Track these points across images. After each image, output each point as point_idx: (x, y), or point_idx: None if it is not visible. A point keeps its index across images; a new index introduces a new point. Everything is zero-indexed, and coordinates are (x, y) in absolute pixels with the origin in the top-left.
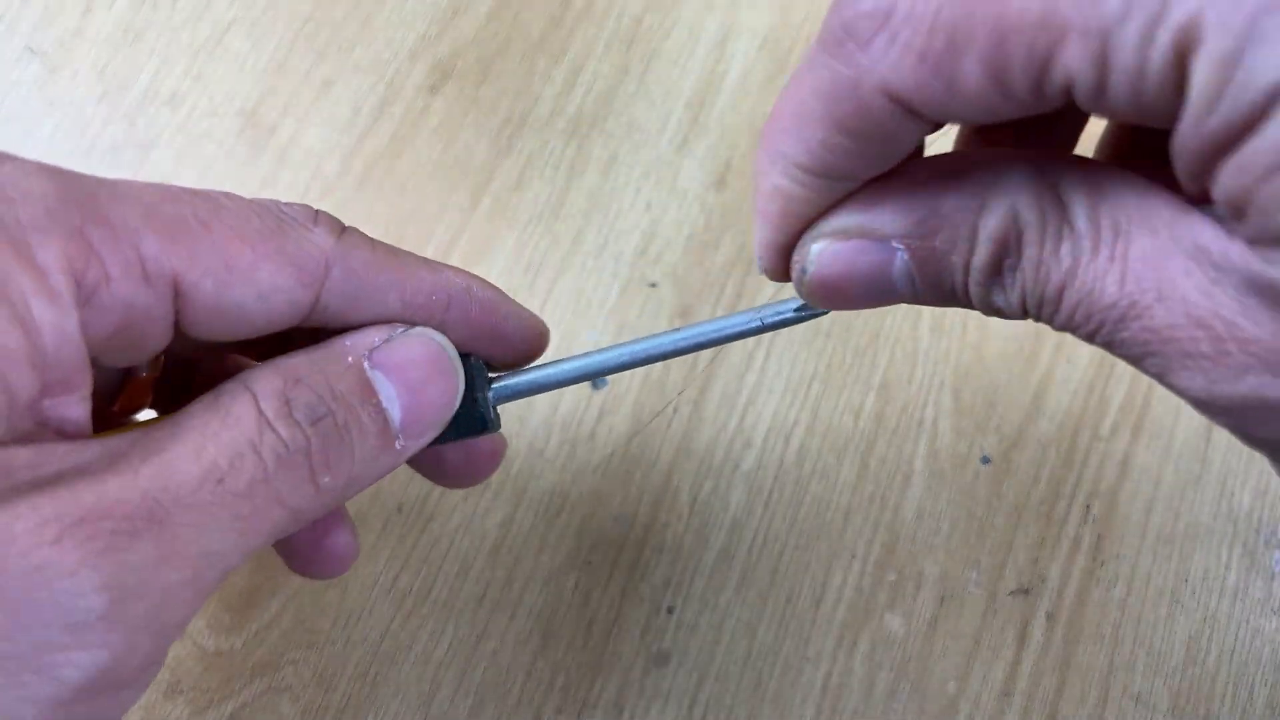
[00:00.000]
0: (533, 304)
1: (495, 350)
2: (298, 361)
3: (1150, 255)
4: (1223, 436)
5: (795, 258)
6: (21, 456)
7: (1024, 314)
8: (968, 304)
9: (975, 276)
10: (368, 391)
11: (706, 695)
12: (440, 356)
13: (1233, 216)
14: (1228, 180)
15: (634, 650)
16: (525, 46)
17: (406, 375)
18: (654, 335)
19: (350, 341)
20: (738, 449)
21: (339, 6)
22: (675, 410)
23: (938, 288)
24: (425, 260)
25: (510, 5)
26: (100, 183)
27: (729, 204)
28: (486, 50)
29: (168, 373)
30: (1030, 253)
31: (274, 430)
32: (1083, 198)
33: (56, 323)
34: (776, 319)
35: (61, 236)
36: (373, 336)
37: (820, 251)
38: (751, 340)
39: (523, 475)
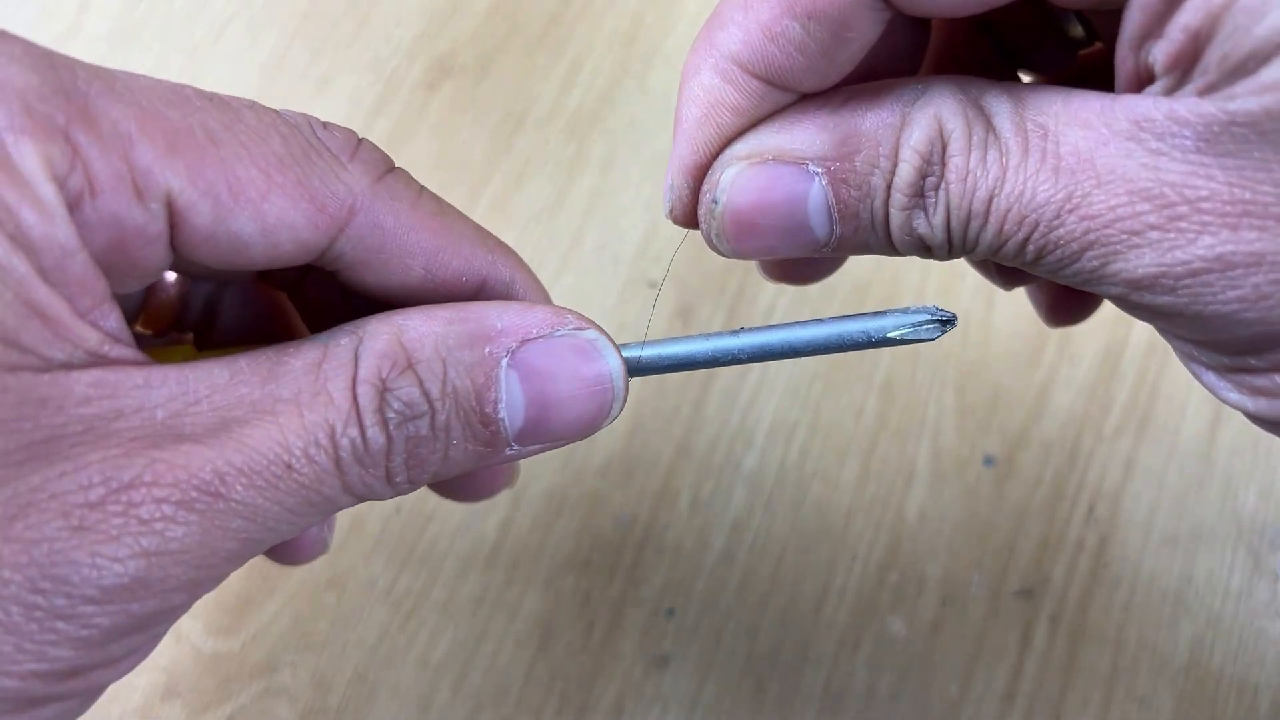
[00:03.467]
0: None
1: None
2: (426, 331)
3: (1083, 147)
4: (1227, 437)
5: (705, 187)
6: (81, 384)
7: (947, 240)
8: (885, 240)
9: (897, 198)
10: (488, 395)
11: (707, 698)
12: (603, 379)
13: (1184, 69)
14: (1189, 18)
15: (634, 652)
16: (525, 44)
17: (549, 389)
18: (792, 326)
19: (500, 322)
20: (739, 449)
21: (337, 4)
22: (676, 410)
23: (856, 220)
24: (478, 231)
25: (510, 2)
26: (96, 75)
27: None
28: (486, 48)
29: (201, 293)
30: (956, 164)
31: (359, 425)
32: (1007, 106)
33: (50, 234)
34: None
35: (43, 138)
36: (529, 323)
37: (733, 178)
38: None
39: (522, 476)
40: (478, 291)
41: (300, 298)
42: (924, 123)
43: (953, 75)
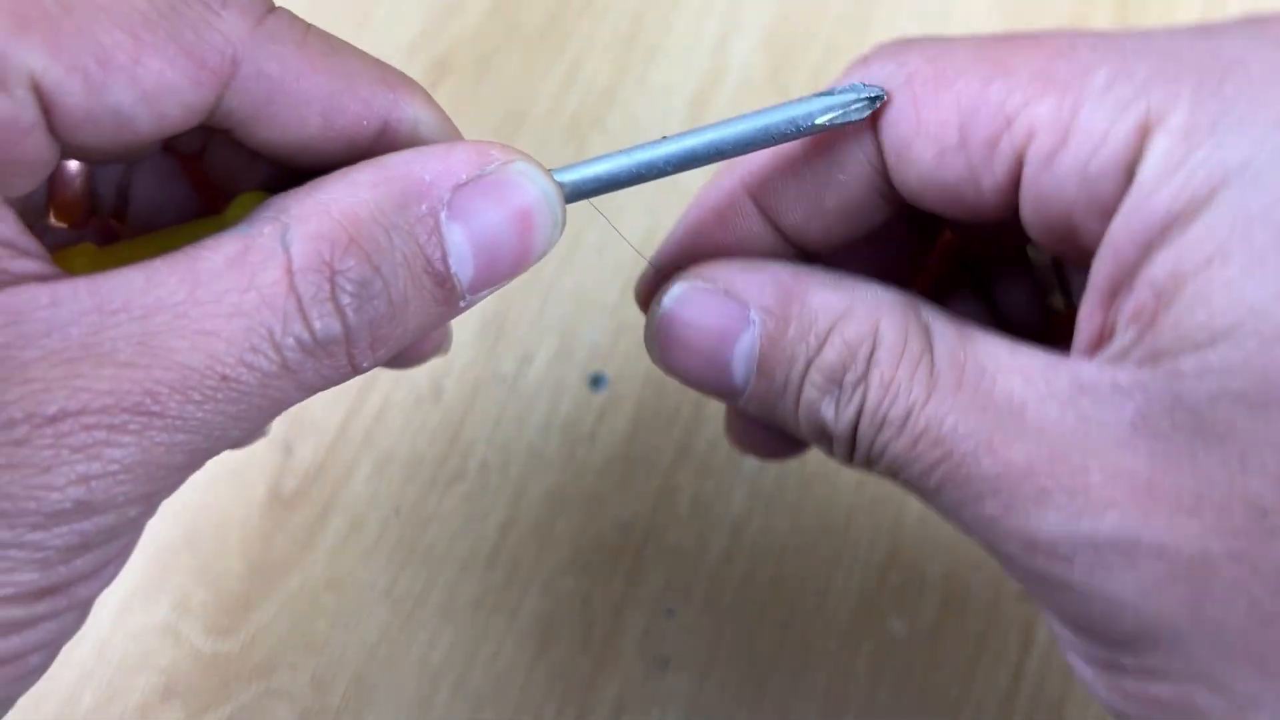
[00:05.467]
0: (532, 302)
1: None
2: (355, 201)
3: (1018, 396)
4: None
5: (663, 288)
6: None
7: (851, 438)
8: (793, 414)
9: (814, 377)
10: (436, 253)
11: (707, 699)
12: (540, 208)
13: (1141, 328)
14: (1156, 270)
15: (634, 654)
16: (524, 43)
17: (491, 231)
18: (717, 125)
19: (426, 174)
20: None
21: (337, 3)
22: (676, 410)
23: (771, 381)
24: (376, 67)
25: (510, 3)
26: None
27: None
28: (485, 47)
29: (110, 179)
30: (882, 370)
31: (305, 317)
32: (951, 336)
33: None
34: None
35: None
36: (455, 168)
37: (683, 290)
38: None
39: (522, 477)
40: (381, 134)
41: (206, 166)
42: (862, 319)
43: (919, 295)
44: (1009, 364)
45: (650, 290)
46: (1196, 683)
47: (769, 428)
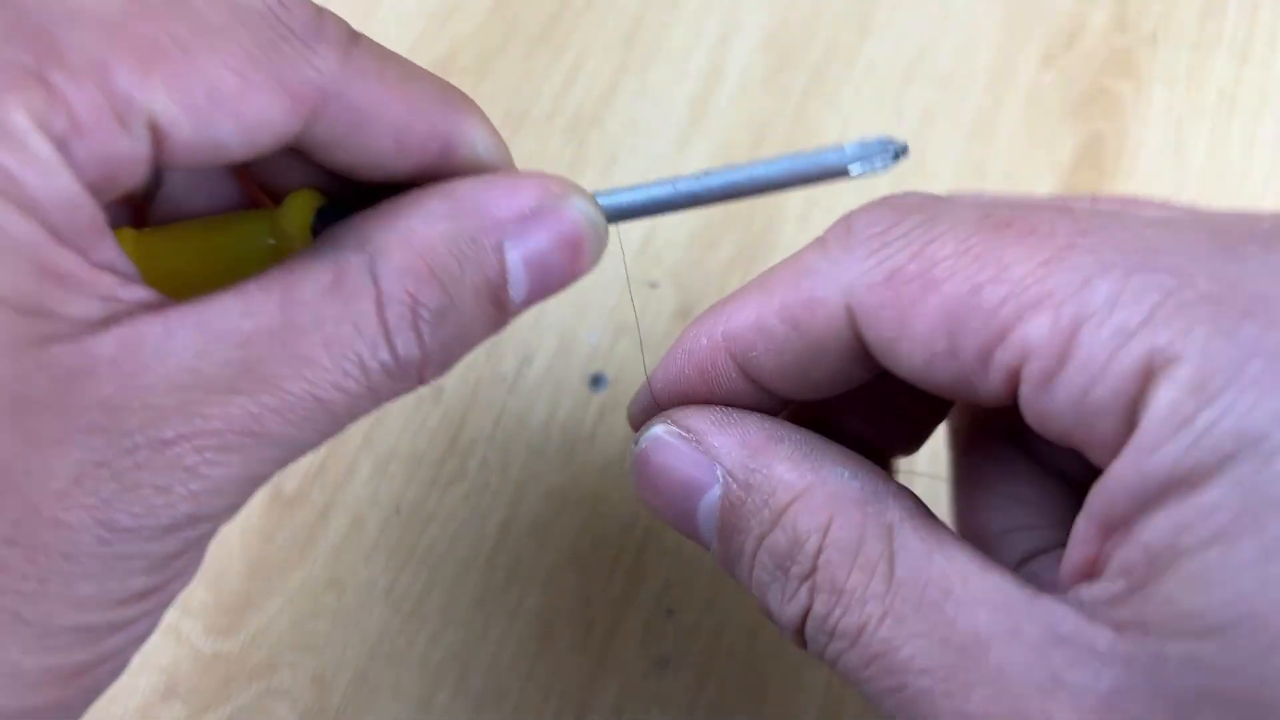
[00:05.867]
0: None
1: None
2: (435, 235)
3: (984, 632)
4: None
5: (644, 425)
6: (108, 347)
7: (799, 638)
8: (748, 586)
9: (763, 557)
10: (501, 282)
11: (707, 699)
12: (589, 236)
13: (1131, 585)
14: (1151, 536)
15: (634, 653)
16: (525, 43)
17: (546, 263)
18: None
19: (496, 208)
20: None
21: (337, 4)
22: None
23: (728, 546)
24: (441, 89)
25: (510, 2)
26: (47, 0)
27: (729, 205)
28: (486, 47)
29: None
30: (832, 574)
31: (390, 344)
32: (915, 546)
33: (53, 190)
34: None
35: (20, 88)
36: (521, 204)
37: (656, 436)
38: None
39: (522, 477)
40: (443, 153)
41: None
42: (817, 508)
43: (880, 476)
44: (978, 590)
45: (642, 412)
46: None
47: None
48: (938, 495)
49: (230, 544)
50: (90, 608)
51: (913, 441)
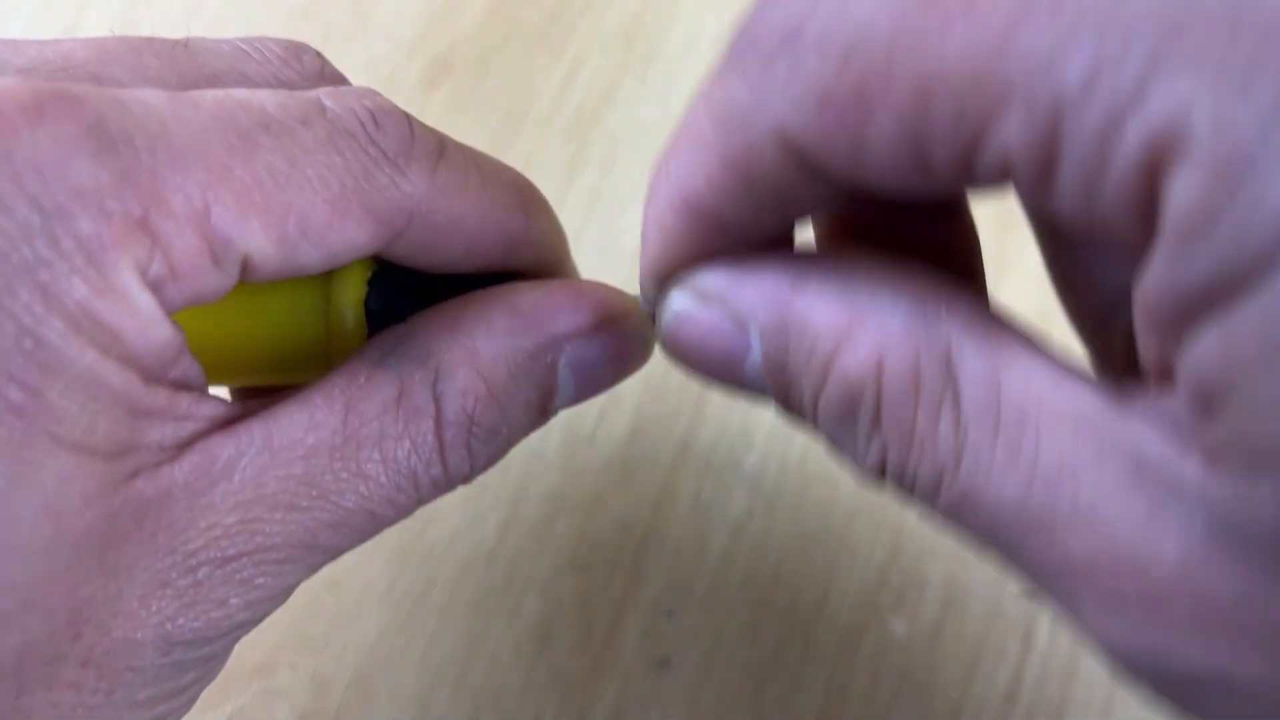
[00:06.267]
0: None
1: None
2: (497, 353)
3: (1068, 463)
4: None
5: (663, 298)
6: (183, 471)
7: (881, 477)
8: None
9: (823, 416)
10: (551, 394)
11: (707, 700)
12: (638, 353)
13: (1198, 408)
14: (1202, 355)
15: (634, 654)
16: (524, 43)
17: (595, 374)
18: None
19: (557, 325)
20: (739, 450)
21: (336, 3)
22: (676, 411)
23: (786, 403)
24: (515, 193)
25: (510, 2)
26: (155, 136)
27: None
28: (485, 47)
29: None
30: (898, 421)
31: (444, 462)
32: (981, 371)
33: (151, 341)
34: None
35: (127, 241)
36: (582, 323)
37: (678, 313)
38: None
39: (522, 477)
40: (507, 252)
41: None
42: (863, 352)
43: (929, 280)
44: (1053, 408)
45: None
46: None
47: None
48: None
49: None
50: (145, 707)
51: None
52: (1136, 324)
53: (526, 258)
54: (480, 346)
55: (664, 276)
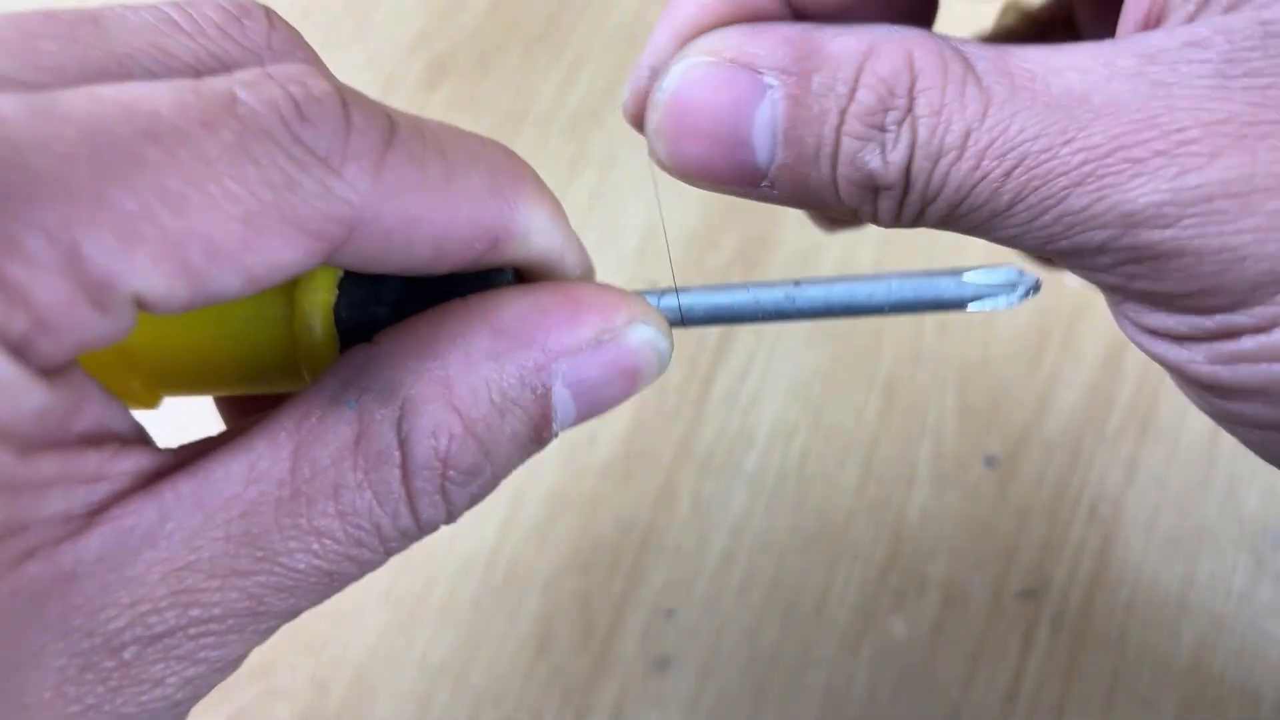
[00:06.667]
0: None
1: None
2: (476, 382)
3: (1078, 87)
4: (1230, 438)
5: (660, 75)
6: (93, 544)
7: (904, 181)
8: (830, 178)
9: (851, 125)
10: (545, 422)
11: (707, 700)
12: (650, 365)
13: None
14: None
15: (634, 654)
16: (524, 43)
17: (599, 394)
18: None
19: (549, 343)
20: (739, 450)
21: (336, 3)
22: (677, 410)
23: (801, 146)
24: (493, 177)
25: (510, 2)
26: (5, 169)
27: (729, 204)
28: (485, 46)
29: None
30: (929, 97)
31: (414, 512)
32: (989, 53)
33: (18, 411)
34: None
35: None
36: (579, 338)
37: (686, 69)
38: (753, 338)
39: (522, 477)
40: (491, 249)
41: None
42: (893, 54)
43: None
44: (1060, 63)
45: (645, 90)
46: None
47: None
48: None
49: None
50: None
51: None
52: None
53: (518, 252)
54: (455, 376)
55: (682, 42)
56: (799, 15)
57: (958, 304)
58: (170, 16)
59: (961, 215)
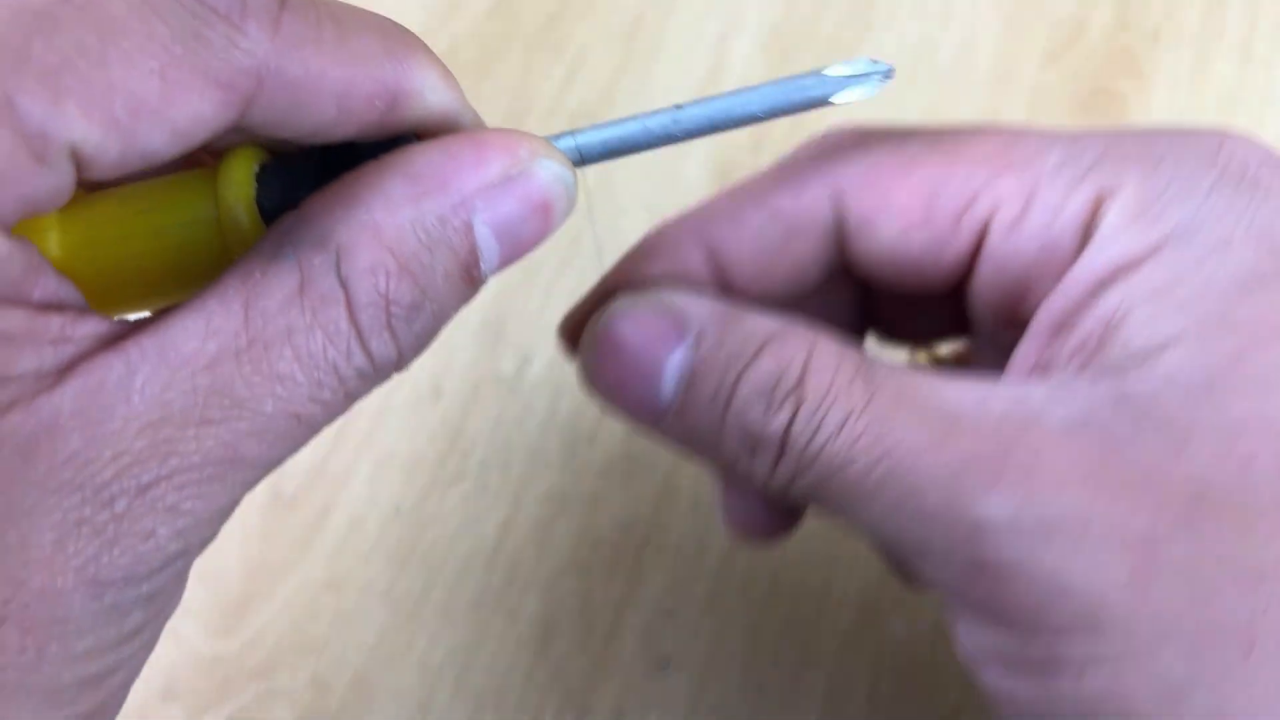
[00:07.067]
0: (532, 302)
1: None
2: (401, 222)
3: (956, 406)
4: None
5: (601, 309)
6: (67, 400)
7: (780, 445)
8: (716, 428)
9: (745, 387)
10: (472, 259)
11: (708, 700)
12: (560, 198)
13: (1087, 357)
14: (1104, 308)
15: (634, 654)
16: (525, 42)
17: (517, 230)
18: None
19: (462, 184)
20: None
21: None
22: None
23: (699, 394)
24: (381, 34)
25: (510, 2)
26: None
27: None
28: (485, 46)
29: None
30: (818, 379)
31: (366, 348)
32: (885, 365)
33: None
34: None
35: None
36: (489, 175)
37: (625, 304)
38: None
39: (522, 477)
40: (391, 106)
41: None
42: (798, 339)
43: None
44: (946, 386)
45: (582, 318)
46: (1132, 670)
47: (764, 507)
48: None
49: (229, 545)
50: (90, 659)
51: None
52: (1027, 337)
53: (416, 112)
54: (380, 220)
55: (616, 289)
56: (729, 291)
57: (823, 100)
58: None
59: (829, 493)
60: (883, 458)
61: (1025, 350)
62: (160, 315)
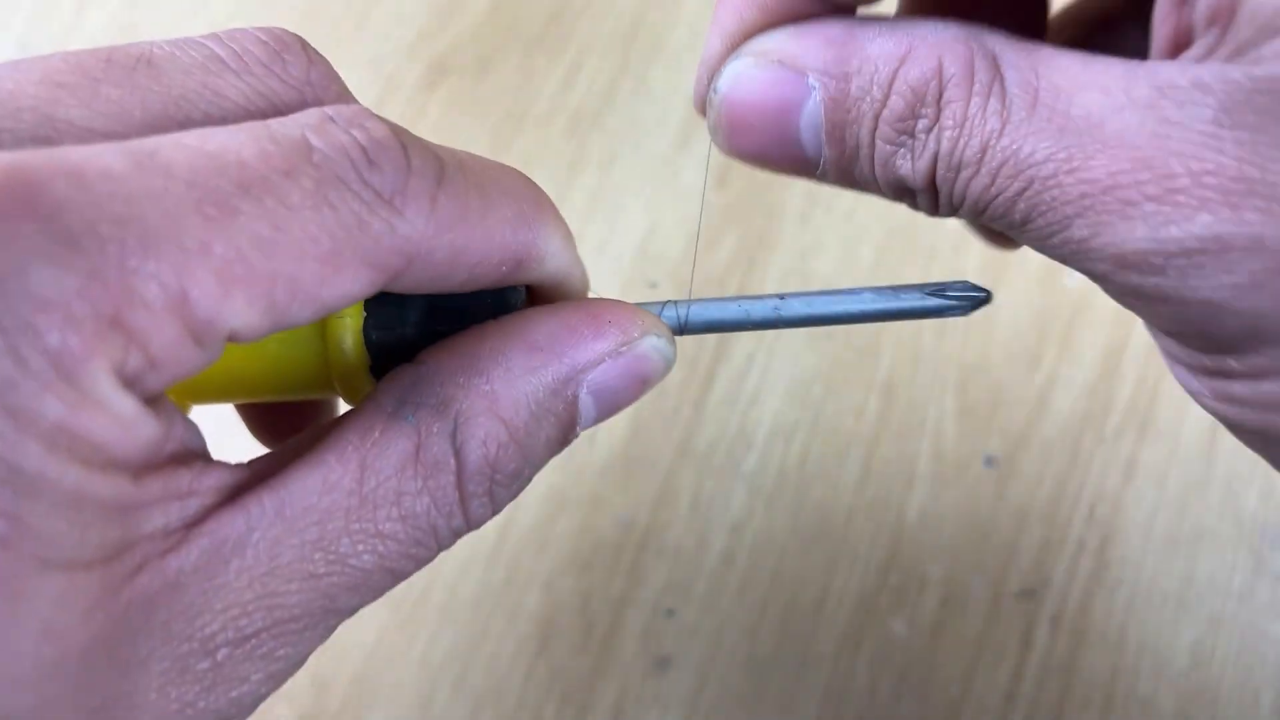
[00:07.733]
0: None
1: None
2: (517, 395)
3: (1095, 111)
4: (1228, 438)
5: (713, 77)
6: (192, 557)
7: (930, 188)
8: (870, 175)
9: (884, 130)
10: (574, 424)
11: (707, 700)
12: (658, 371)
13: (1222, 27)
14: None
15: (634, 654)
16: (524, 43)
17: (616, 397)
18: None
19: (577, 356)
20: (739, 450)
21: (337, 3)
22: (676, 410)
23: (842, 145)
24: (519, 207)
25: (510, 2)
26: (120, 219)
27: (730, 203)
28: (485, 47)
29: None
30: (953, 109)
31: (466, 513)
32: (1022, 61)
33: (137, 442)
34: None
35: (100, 347)
36: (602, 350)
37: (736, 72)
38: (752, 340)
39: None
40: (513, 271)
41: None
42: (924, 60)
43: (977, 23)
44: (1085, 79)
45: (703, 89)
46: None
47: None
48: None
49: None
50: None
51: None
52: (1161, 2)
53: (536, 272)
54: (500, 390)
55: (725, 54)
56: (839, 10)
57: (920, 314)
58: (216, 54)
59: (987, 221)
60: (1024, 190)
61: (1162, 12)
62: (276, 464)
